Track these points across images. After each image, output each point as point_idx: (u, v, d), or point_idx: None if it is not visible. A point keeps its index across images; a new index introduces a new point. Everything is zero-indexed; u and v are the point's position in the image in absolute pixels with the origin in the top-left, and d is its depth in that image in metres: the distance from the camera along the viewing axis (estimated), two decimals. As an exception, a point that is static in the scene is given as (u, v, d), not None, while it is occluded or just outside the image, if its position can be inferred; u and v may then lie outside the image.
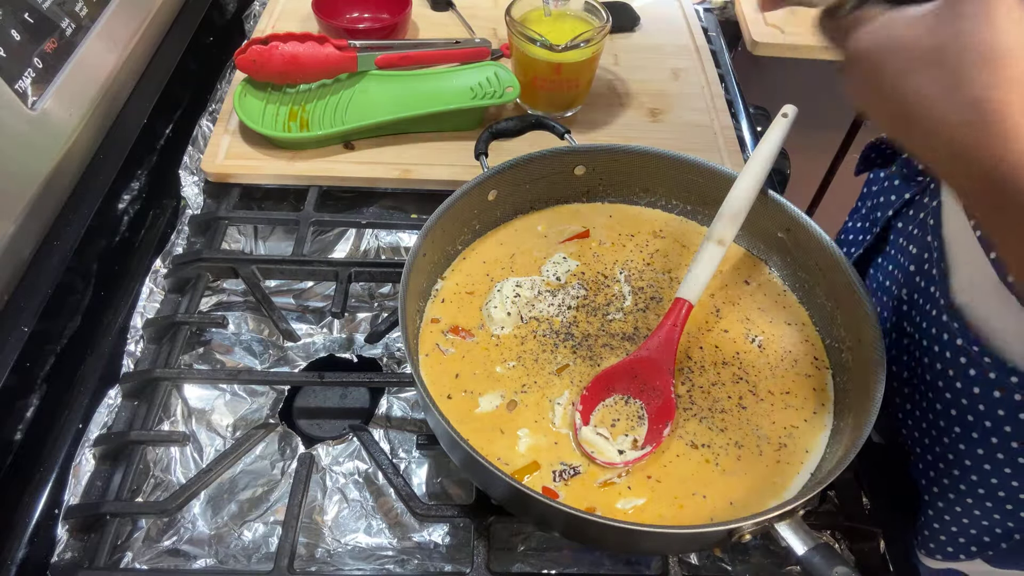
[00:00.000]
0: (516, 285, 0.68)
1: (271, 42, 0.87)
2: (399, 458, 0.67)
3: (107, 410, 0.67)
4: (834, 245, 0.65)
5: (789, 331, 0.68)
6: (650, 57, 1.06)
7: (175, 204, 0.85)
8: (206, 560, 0.61)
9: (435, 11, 1.12)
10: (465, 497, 0.65)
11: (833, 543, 0.63)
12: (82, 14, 0.77)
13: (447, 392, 0.62)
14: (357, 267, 0.78)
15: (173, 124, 0.91)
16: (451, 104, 0.89)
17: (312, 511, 0.64)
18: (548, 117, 0.78)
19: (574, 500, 0.56)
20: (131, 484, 0.63)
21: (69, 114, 0.75)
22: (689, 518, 0.55)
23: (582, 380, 0.63)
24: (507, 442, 0.59)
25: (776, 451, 0.60)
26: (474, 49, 0.95)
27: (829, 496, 0.66)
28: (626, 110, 0.98)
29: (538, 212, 0.76)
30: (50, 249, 0.70)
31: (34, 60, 0.70)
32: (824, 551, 0.48)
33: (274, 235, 0.87)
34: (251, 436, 0.65)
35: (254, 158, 0.87)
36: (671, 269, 0.72)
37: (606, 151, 0.73)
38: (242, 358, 0.75)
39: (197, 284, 0.77)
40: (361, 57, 0.91)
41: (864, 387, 0.58)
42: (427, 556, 0.62)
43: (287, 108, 0.91)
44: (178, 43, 0.95)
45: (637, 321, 0.67)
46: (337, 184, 0.87)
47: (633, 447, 0.59)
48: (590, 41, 0.86)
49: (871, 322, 0.59)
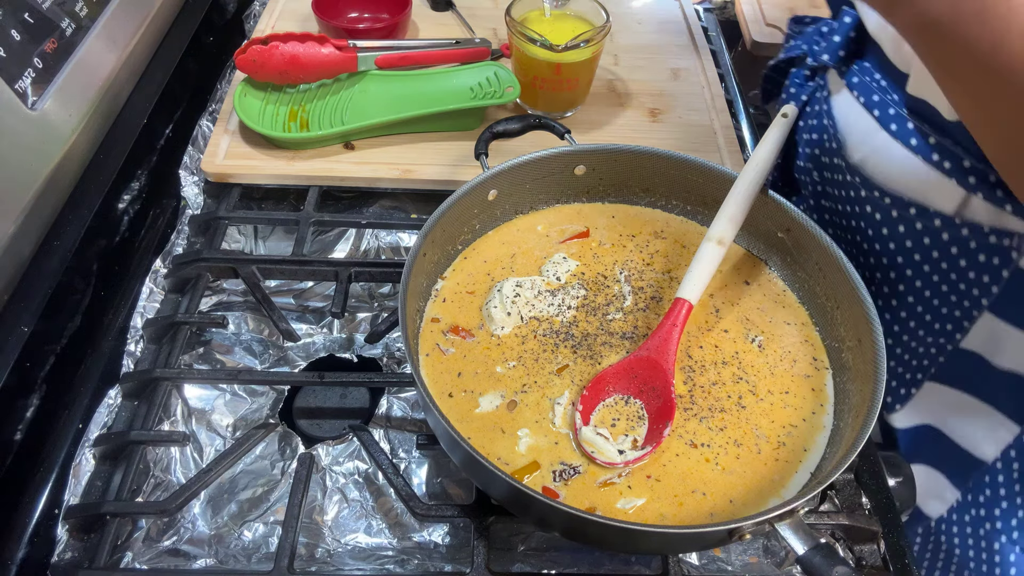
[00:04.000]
0: (516, 285, 0.68)
1: (271, 42, 0.87)
2: (399, 458, 0.67)
3: (107, 410, 0.67)
4: (834, 245, 0.65)
5: (789, 331, 0.68)
6: (650, 57, 1.06)
7: (175, 204, 0.85)
8: (206, 560, 0.61)
9: (435, 11, 1.12)
10: (465, 497, 0.65)
11: (833, 543, 0.63)
12: (82, 14, 0.77)
13: (448, 391, 0.62)
14: (357, 267, 0.78)
15: (173, 124, 0.91)
16: (451, 104, 0.89)
17: (312, 511, 0.64)
18: (548, 117, 0.78)
19: (574, 500, 0.56)
20: (131, 484, 0.63)
21: (69, 114, 0.75)
22: (689, 515, 0.56)
23: (582, 380, 0.63)
24: (507, 442, 0.59)
25: (775, 449, 0.60)
26: (474, 49, 0.95)
27: (829, 496, 0.66)
28: (626, 110, 0.98)
29: (538, 212, 0.76)
30: (50, 249, 0.70)
31: (34, 60, 0.70)
32: (824, 551, 0.48)
33: (274, 235, 0.87)
34: (251, 436, 0.65)
35: (254, 158, 0.87)
36: (671, 269, 0.72)
37: (606, 151, 0.73)
38: (242, 358, 0.75)
39: (197, 284, 0.77)
40: (361, 57, 0.91)
41: (864, 387, 0.58)
42: (427, 556, 0.62)
43: (287, 108, 0.91)
44: (178, 43, 0.95)
45: (637, 321, 0.67)
46: (337, 184, 0.87)
47: (633, 447, 0.59)
48: (590, 41, 0.86)
49: (871, 322, 0.59)
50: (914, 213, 0.63)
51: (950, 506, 0.76)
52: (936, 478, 0.76)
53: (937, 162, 0.60)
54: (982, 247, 0.60)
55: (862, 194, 0.67)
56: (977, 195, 0.59)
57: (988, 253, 0.60)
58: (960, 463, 0.73)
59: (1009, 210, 0.57)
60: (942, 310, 0.66)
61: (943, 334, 0.67)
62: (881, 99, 0.65)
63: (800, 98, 0.79)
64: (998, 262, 0.60)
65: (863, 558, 0.62)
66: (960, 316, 0.65)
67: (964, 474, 0.73)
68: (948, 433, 0.73)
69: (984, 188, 0.58)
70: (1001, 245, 0.59)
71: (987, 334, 0.65)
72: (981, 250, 0.60)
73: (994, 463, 0.70)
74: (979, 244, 0.60)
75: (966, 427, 0.71)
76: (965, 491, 0.74)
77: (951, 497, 0.75)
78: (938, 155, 0.60)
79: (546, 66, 0.88)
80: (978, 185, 0.58)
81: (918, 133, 0.62)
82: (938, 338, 0.68)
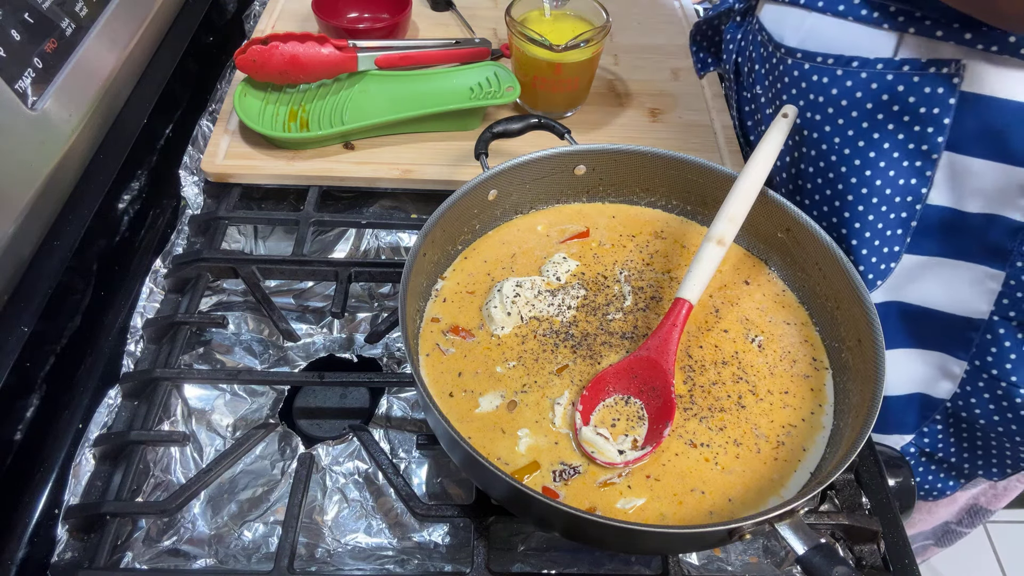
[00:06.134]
0: (516, 285, 0.68)
1: (271, 42, 0.87)
2: (399, 458, 0.67)
3: (107, 410, 0.67)
4: (834, 245, 0.65)
5: (789, 331, 0.68)
6: (650, 57, 1.06)
7: (175, 204, 0.85)
8: (206, 560, 0.61)
9: (435, 11, 1.12)
10: (465, 497, 0.65)
11: (833, 543, 0.63)
12: (82, 14, 0.77)
13: (448, 391, 0.62)
14: (357, 267, 0.78)
15: (173, 124, 0.91)
16: (451, 104, 0.89)
17: (312, 511, 0.64)
18: (548, 117, 0.78)
19: (574, 500, 0.56)
20: (131, 484, 0.63)
21: (69, 114, 0.75)
22: (688, 514, 0.56)
23: (582, 380, 0.63)
24: (507, 442, 0.59)
25: (774, 449, 0.60)
26: (474, 49, 0.95)
27: (829, 496, 0.66)
28: (626, 110, 0.98)
29: (538, 212, 0.76)
30: (50, 249, 0.70)
31: (34, 60, 0.70)
32: (824, 551, 0.48)
33: (274, 235, 0.87)
34: (251, 436, 0.65)
35: (254, 158, 0.87)
36: (671, 269, 0.72)
37: (606, 151, 0.73)
38: (242, 358, 0.75)
39: (197, 284, 0.77)
40: (361, 57, 0.91)
41: (864, 387, 0.58)
42: (427, 556, 0.62)
43: (287, 108, 0.91)
44: (178, 43, 0.95)
45: (637, 321, 0.67)
46: (337, 184, 0.87)
47: (633, 447, 0.59)
48: (590, 41, 0.86)
49: (871, 322, 0.59)
50: (857, 65, 0.67)
51: (960, 379, 0.77)
52: (936, 357, 0.78)
53: (866, 16, 0.65)
54: (924, 80, 0.64)
55: (806, 67, 0.70)
56: (909, 31, 0.63)
57: (932, 84, 0.63)
58: (957, 331, 0.74)
59: (940, 36, 0.61)
60: (903, 163, 0.68)
61: (909, 191, 0.69)
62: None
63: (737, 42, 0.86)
64: (943, 91, 0.63)
65: (863, 558, 0.62)
66: (921, 165, 0.67)
67: (964, 340, 0.74)
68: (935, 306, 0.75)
69: (914, 23, 0.63)
70: (941, 74, 0.63)
71: (951, 178, 0.67)
72: (924, 83, 0.64)
73: (991, 317, 0.71)
74: (921, 78, 0.64)
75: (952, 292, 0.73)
76: (971, 358, 0.74)
77: (958, 371, 0.76)
78: (865, 10, 0.65)
79: (546, 66, 0.88)
80: (907, 22, 0.63)
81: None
82: (906, 196, 0.69)
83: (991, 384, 0.73)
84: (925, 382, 0.80)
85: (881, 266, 0.73)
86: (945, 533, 1.07)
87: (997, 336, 0.71)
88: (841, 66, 0.67)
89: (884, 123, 0.67)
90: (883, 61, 0.65)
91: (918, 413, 0.83)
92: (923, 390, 0.81)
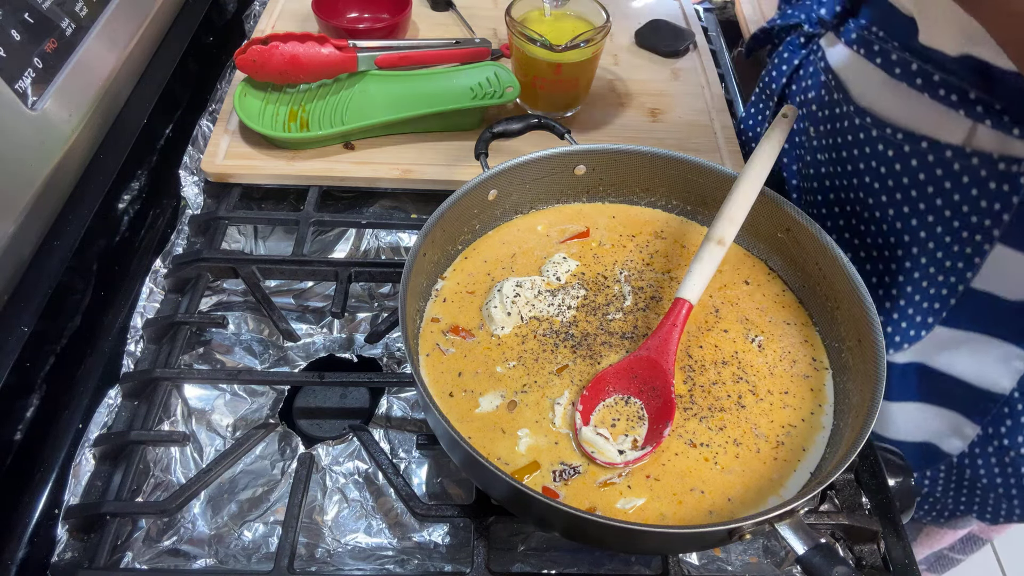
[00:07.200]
0: (516, 285, 0.68)
1: (271, 42, 0.87)
2: (399, 458, 0.67)
3: (107, 410, 0.67)
4: (834, 245, 0.65)
5: (788, 331, 0.68)
6: (650, 57, 1.06)
7: (175, 204, 0.85)
8: (206, 560, 0.61)
9: (435, 11, 1.12)
10: (465, 497, 0.65)
11: (833, 543, 0.63)
12: (82, 14, 0.77)
13: (448, 391, 0.62)
14: (357, 267, 0.78)
15: (173, 124, 0.91)
16: (451, 104, 0.89)
17: (312, 511, 0.64)
18: (548, 117, 0.78)
19: (574, 500, 0.56)
20: (131, 484, 0.63)
21: (69, 114, 0.75)
22: (688, 513, 0.56)
23: (582, 380, 0.63)
24: (507, 442, 0.59)
25: (773, 448, 0.60)
26: (474, 49, 0.95)
27: (829, 496, 0.66)
28: (626, 110, 0.98)
29: (538, 212, 0.76)
30: (50, 249, 0.70)
31: (34, 60, 0.70)
32: (824, 551, 0.48)
33: (274, 235, 0.87)
34: (251, 436, 0.65)
35: (254, 158, 0.87)
36: (671, 269, 0.72)
37: (606, 151, 0.73)
38: (242, 358, 0.75)
39: (197, 284, 0.77)
40: (361, 57, 0.91)
41: (864, 387, 0.58)
42: (427, 556, 0.62)
43: (287, 108, 0.91)
44: (178, 43, 0.95)
45: (637, 321, 0.67)
46: (337, 184, 0.87)
47: (633, 447, 0.59)
48: (590, 41, 0.86)
49: (871, 322, 0.59)
50: (925, 146, 0.66)
51: (971, 441, 0.77)
52: (951, 416, 0.79)
53: (943, 96, 0.63)
54: (992, 175, 0.62)
55: (873, 134, 0.69)
56: (984, 123, 0.61)
57: (998, 180, 0.62)
58: (976, 399, 0.74)
59: (1016, 134, 0.59)
60: (953, 248, 0.67)
61: (954, 272, 0.68)
62: (881, 48, 0.68)
63: (792, 63, 0.85)
64: (1008, 188, 0.62)
65: (863, 558, 0.62)
66: (971, 252, 0.67)
67: (982, 409, 0.75)
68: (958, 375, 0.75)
69: (991, 116, 0.60)
70: (1010, 171, 0.61)
71: (998, 267, 0.66)
72: (991, 178, 0.62)
73: (1011, 393, 0.71)
74: (989, 172, 0.62)
75: (979, 365, 0.73)
76: (985, 424, 0.75)
77: (971, 432, 0.77)
78: (944, 90, 0.63)
79: (546, 66, 0.88)
80: (984, 114, 0.61)
81: (922, 73, 0.64)
82: (949, 277, 0.69)
83: (1000, 451, 0.74)
84: (937, 435, 0.81)
85: (911, 332, 0.73)
86: (939, 559, 1.08)
87: (1015, 411, 0.72)
88: (909, 143, 0.67)
89: (942, 209, 0.66)
90: (953, 149, 0.64)
91: (924, 460, 0.84)
92: (933, 441, 0.81)
